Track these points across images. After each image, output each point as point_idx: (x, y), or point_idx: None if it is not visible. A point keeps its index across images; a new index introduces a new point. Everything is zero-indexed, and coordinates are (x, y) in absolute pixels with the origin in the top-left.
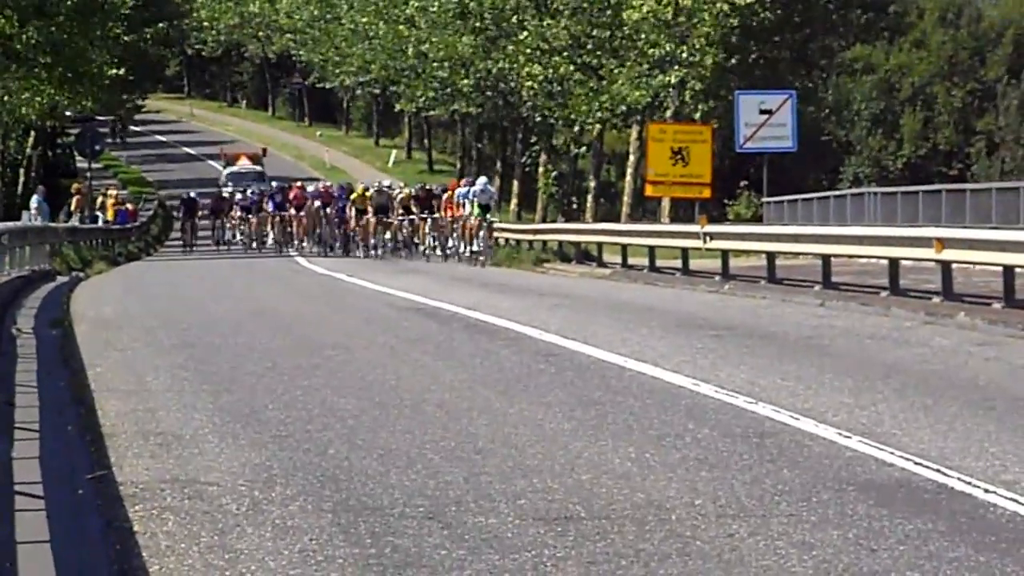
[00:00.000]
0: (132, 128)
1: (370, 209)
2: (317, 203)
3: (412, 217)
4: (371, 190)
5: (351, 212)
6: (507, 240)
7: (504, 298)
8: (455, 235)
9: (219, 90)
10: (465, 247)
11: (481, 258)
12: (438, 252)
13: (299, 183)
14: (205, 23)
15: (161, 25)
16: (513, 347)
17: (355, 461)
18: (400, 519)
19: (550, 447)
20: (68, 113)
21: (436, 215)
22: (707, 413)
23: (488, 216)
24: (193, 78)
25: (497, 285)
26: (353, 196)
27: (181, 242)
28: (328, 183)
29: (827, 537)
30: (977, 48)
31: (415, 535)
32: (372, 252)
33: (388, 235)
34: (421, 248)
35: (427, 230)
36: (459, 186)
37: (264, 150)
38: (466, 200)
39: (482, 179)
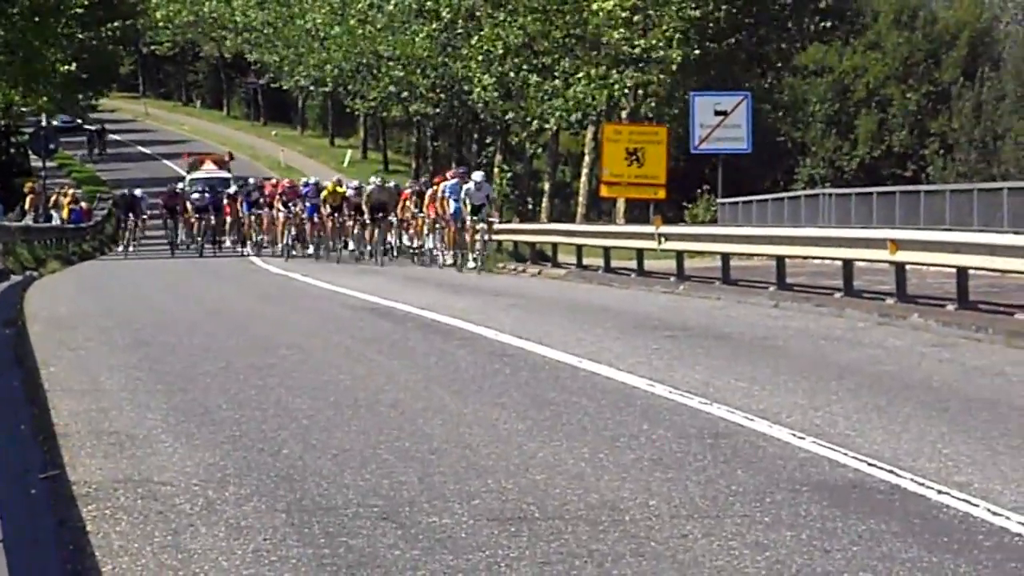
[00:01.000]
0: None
1: (365, 209)
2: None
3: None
4: (370, 186)
5: (325, 210)
6: None
7: (459, 298)
8: (433, 236)
9: (174, 89)
10: (448, 253)
11: (480, 264)
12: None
13: (273, 180)
14: (160, 22)
15: (116, 24)
16: (468, 347)
17: (309, 461)
18: (354, 519)
19: (504, 447)
20: (55, 122)
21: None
22: (662, 414)
23: (482, 214)
24: (148, 77)
25: (452, 285)
26: (324, 194)
27: (120, 243)
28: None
29: (780, 538)
30: (932, 50)
31: (369, 535)
32: (367, 256)
33: (390, 237)
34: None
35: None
36: (447, 179)
37: (230, 154)
38: (451, 197)
39: (478, 174)
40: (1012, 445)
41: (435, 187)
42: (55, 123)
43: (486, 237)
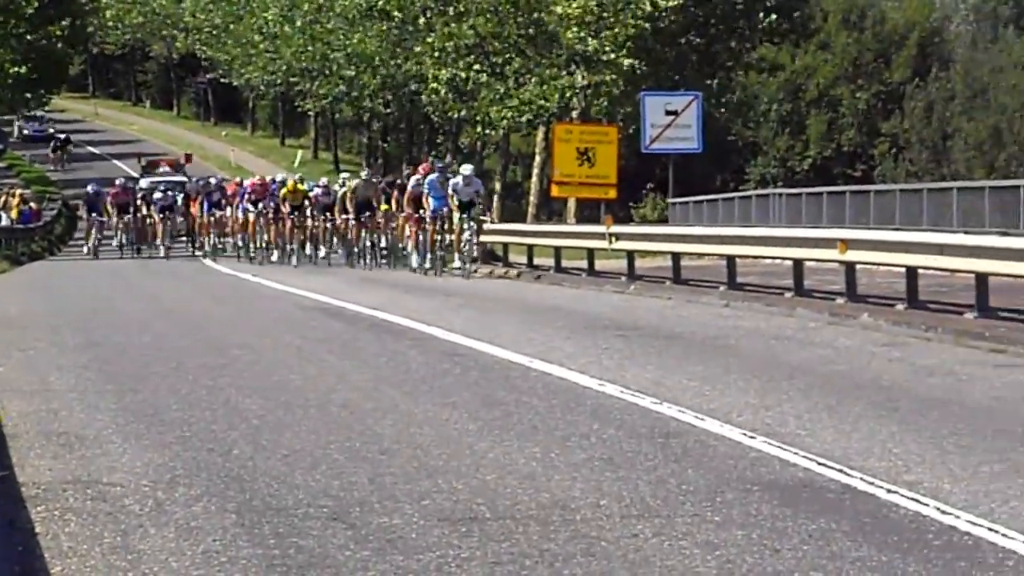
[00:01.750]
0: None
1: (350, 207)
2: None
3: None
4: (355, 180)
5: (284, 209)
6: None
7: (410, 298)
8: (409, 237)
9: (124, 89)
10: (425, 257)
11: (467, 266)
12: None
13: (238, 179)
14: (110, 22)
15: (66, 24)
16: (419, 347)
17: (259, 462)
18: (304, 520)
19: (455, 447)
20: (27, 131)
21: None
22: (612, 413)
23: (473, 213)
24: (97, 77)
25: (403, 286)
26: (283, 191)
27: (85, 246)
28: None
29: (731, 537)
30: (881, 50)
31: (319, 536)
32: (357, 259)
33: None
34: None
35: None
36: (427, 172)
37: (188, 156)
38: (431, 193)
39: (467, 167)
40: (961, 444)
41: (419, 178)
42: (26, 132)
43: (474, 239)
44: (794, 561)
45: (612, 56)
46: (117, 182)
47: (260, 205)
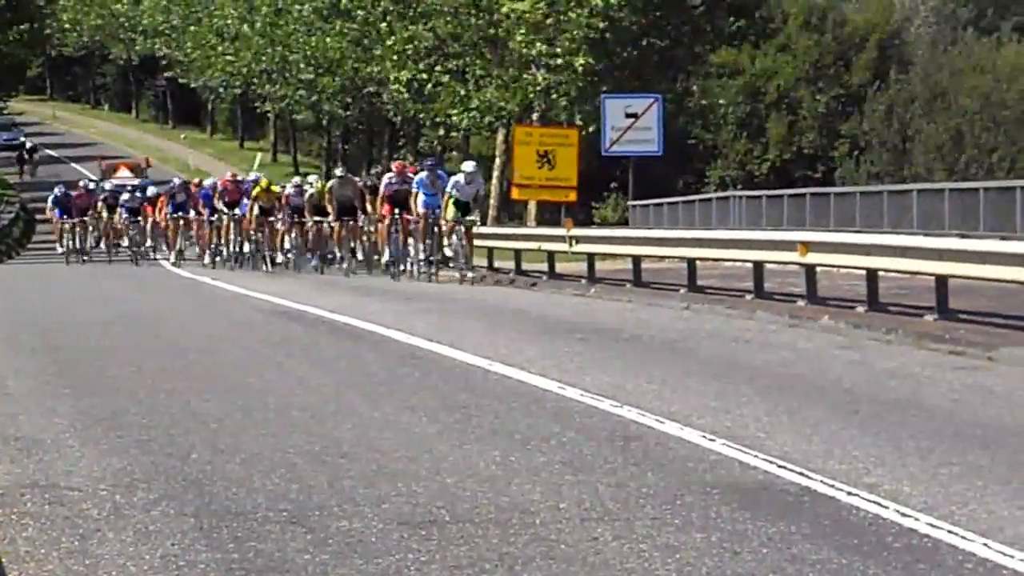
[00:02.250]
0: None
1: (330, 208)
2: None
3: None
4: (331, 180)
5: (252, 211)
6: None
7: (370, 301)
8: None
9: (82, 92)
10: (425, 255)
11: (465, 271)
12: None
13: (197, 180)
14: (68, 24)
15: (24, 27)
16: (379, 350)
17: (218, 465)
18: (263, 524)
19: (415, 451)
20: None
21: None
22: (572, 416)
23: (469, 217)
24: (56, 80)
25: (363, 288)
26: (256, 191)
27: (58, 246)
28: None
29: (691, 540)
30: (841, 53)
31: (278, 540)
32: (340, 265)
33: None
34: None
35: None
36: (400, 171)
37: (148, 160)
38: (420, 190)
39: (469, 164)
40: (921, 446)
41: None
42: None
43: (463, 242)
44: (754, 564)
45: (566, 59)
46: (80, 184)
47: (236, 209)
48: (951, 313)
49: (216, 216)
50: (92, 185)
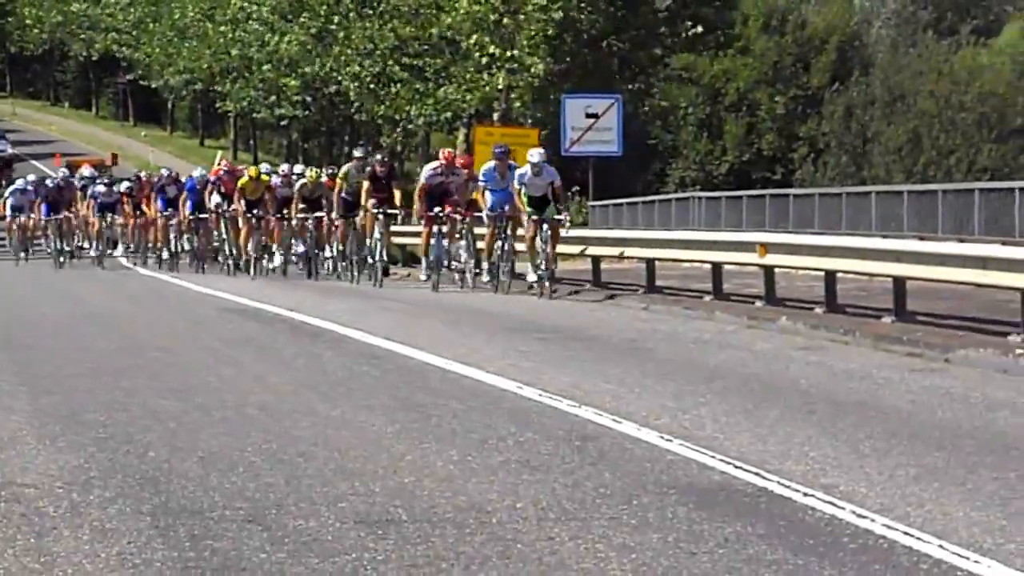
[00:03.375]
0: None
1: (336, 201)
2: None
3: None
4: (347, 165)
5: (239, 206)
6: None
7: (328, 300)
8: (463, 244)
9: (42, 89)
10: (489, 267)
11: (544, 282)
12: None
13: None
14: (28, 21)
15: None
16: (336, 349)
17: (175, 464)
18: (220, 522)
19: (372, 450)
20: None
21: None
22: (530, 416)
23: (547, 213)
24: (15, 77)
25: (322, 288)
26: (242, 182)
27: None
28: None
29: (647, 540)
30: (801, 55)
31: (235, 538)
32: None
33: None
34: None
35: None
36: (449, 161)
37: (114, 156)
38: (487, 184)
39: (536, 153)
40: (878, 448)
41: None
42: None
43: (548, 248)
44: (710, 564)
45: (521, 61)
46: (48, 182)
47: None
48: (909, 315)
49: (208, 214)
50: (62, 182)
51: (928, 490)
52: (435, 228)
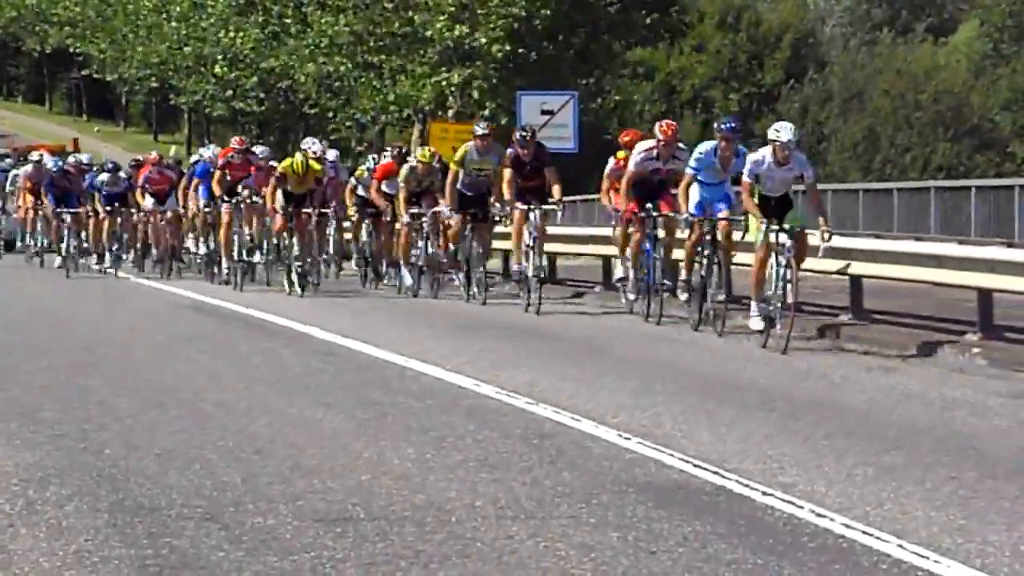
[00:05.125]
0: None
1: (401, 198)
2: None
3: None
4: (407, 165)
5: (277, 200)
6: None
7: (284, 298)
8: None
9: None
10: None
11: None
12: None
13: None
14: None
15: None
16: (294, 346)
17: (132, 461)
18: (177, 520)
19: (330, 447)
20: None
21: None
22: (488, 414)
23: (788, 219)
24: None
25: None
26: (282, 166)
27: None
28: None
29: (606, 539)
30: (755, 52)
31: (192, 536)
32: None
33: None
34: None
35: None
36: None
37: (75, 141)
38: (698, 171)
39: (786, 129)
40: (836, 447)
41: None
42: None
43: (791, 276)
44: (669, 563)
45: (484, 44)
46: (51, 166)
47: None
48: (865, 314)
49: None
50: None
51: (887, 489)
52: (646, 231)
